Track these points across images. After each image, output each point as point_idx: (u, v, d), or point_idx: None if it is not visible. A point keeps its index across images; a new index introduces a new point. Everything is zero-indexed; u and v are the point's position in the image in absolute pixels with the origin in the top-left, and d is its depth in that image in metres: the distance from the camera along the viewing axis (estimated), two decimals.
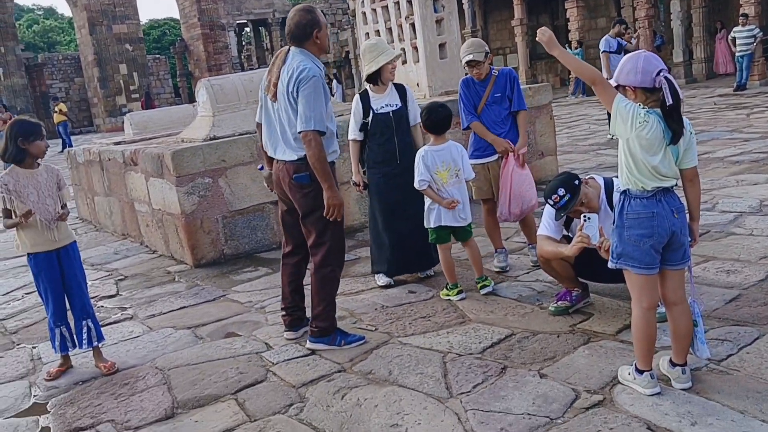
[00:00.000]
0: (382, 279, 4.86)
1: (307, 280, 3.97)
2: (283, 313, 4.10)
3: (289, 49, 3.73)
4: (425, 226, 4.47)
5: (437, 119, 4.33)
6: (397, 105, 4.76)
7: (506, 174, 4.62)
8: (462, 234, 4.47)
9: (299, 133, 3.59)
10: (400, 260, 4.82)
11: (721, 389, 2.86)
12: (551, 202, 3.60)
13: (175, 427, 3.18)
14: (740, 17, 15.80)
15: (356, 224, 6.58)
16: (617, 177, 3.64)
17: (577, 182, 3.56)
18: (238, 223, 6.19)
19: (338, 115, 7.02)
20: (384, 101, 4.77)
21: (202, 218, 6.04)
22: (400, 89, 4.84)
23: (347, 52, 31.36)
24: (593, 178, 3.75)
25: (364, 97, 4.80)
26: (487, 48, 4.75)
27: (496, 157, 4.73)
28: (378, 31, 8.72)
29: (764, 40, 16.28)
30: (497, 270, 4.85)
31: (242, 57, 40.49)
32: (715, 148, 8.81)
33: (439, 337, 3.80)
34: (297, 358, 3.78)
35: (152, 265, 6.40)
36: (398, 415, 3.00)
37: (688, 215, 2.94)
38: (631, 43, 13.42)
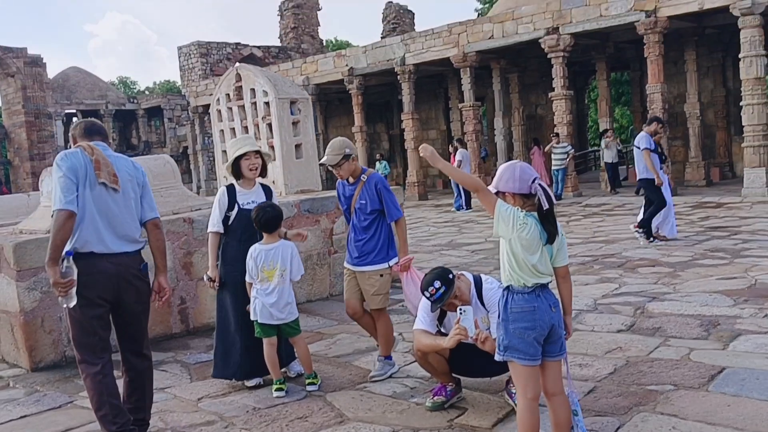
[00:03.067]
0: (252, 380, 4.66)
1: None
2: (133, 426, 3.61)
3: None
4: (251, 318, 4.50)
5: (267, 218, 4.47)
6: None
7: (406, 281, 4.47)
8: (287, 331, 4.55)
9: (150, 220, 3.82)
10: (249, 363, 4.64)
11: None
12: (428, 295, 3.73)
13: None
14: (553, 136, 17.76)
15: (212, 322, 6.31)
16: (483, 275, 3.91)
17: (451, 276, 3.75)
18: None
19: (196, 209, 6.89)
20: (250, 197, 4.75)
21: (44, 316, 5.52)
22: (267, 190, 4.88)
23: (185, 147, 30.93)
24: (463, 274, 3.97)
25: (231, 190, 4.75)
26: (348, 149, 4.57)
27: (384, 266, 4.60)
28: (233, 129, 8.77)
29: (575, 156, 18.37)
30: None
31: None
32: None
33: None
34: None
35: None
36: None
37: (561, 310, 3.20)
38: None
